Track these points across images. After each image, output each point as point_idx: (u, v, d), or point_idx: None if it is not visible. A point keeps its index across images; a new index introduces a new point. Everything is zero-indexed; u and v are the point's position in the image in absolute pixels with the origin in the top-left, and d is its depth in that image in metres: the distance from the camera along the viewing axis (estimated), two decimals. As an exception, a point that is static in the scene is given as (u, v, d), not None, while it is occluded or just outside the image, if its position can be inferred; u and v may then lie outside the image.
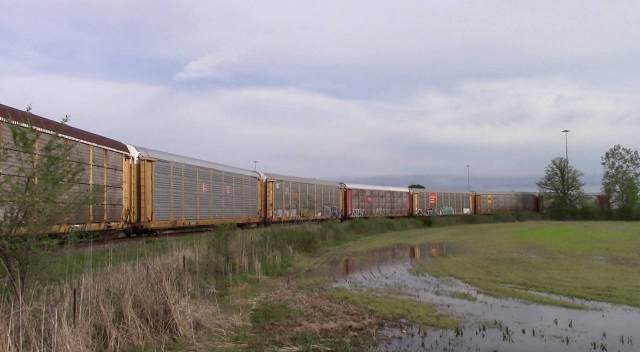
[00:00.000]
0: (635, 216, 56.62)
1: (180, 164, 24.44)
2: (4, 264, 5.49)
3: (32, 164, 5.84)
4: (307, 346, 6.11)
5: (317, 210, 42.54)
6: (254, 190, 33.44)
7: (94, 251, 9.38)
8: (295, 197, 39.07)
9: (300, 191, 39.75)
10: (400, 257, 19.75)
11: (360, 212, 49.52)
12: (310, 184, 42.07)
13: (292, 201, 38.57)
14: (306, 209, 40.02)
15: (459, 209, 63.37)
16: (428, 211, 58.86)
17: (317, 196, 42.79)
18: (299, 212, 39.09)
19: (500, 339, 6.66)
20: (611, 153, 65.35)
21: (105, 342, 5.75)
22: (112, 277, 7.42)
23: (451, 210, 61.88)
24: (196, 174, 25.91)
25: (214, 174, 28.06)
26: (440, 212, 60.00)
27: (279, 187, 36.57)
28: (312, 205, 41.48)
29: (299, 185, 40.04)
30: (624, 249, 19.74)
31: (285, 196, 37.49)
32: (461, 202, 64.23)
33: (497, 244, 23.14)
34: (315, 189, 42.76)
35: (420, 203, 58.58)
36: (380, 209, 52.89)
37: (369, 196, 51.51)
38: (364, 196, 50.92)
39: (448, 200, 62.69)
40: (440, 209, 60.78)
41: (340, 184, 48.28)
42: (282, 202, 37.12)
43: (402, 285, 11.25)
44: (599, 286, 10.62)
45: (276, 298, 9.40)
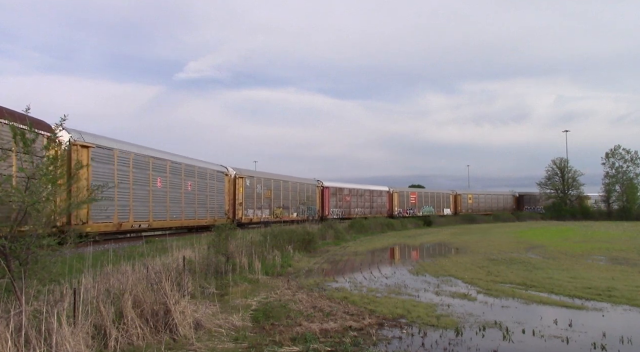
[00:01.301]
0: (635, 216, 56.58)
1: (128, 152, 19.99)
2: (4, 264, 5.50)
3: (32, 164, 5.84)
4: (307, 346, 6.11)
5: (292, 210, 38.79)
6: (220, 187, 29.27)
7: (94, 251, 9.39)
8: (268, 195, 35.05)
9: (273, 189, 35.80)
10: (400, 257, 19.75)
11: (338, 212, 45.64)
12: (285, 181, 38.27)
13: (264, 200, 34.51)
14: (280, 209, 36.58)
15: (439, 209, 60.69)
16: (408, 211, 55.75)
17: (292, 194, 38.93)
18: (272, 212, 35.25)
19: (500, 339, 6.66)
20: (611, 153, 65.33)
21: (105, 342, 5.75)
22: (112, 277, 7.42)
23: (431, 210, 58.98)
24: (149, 165, 21.50)
25: (173, 166, 23.80)
26: (420, 213, 56.75)
27: (249, 184, 32.53)
28: (287, 204, 38.06)
29: (272, 182, 35.98)
30: (624, 249, 19.74)
31: (256, 194, 33.40)
32: (442, 202, 61.74)
33: (497, 244, 23.14)
34: (290, 187, 38.84)
35: (400, 203, 55.46)
36: (359, 209, 49.27)
37: (347, 195, 47.85)
38: (342, 194, 47.18)
39: (429, 200, 59.91)
40: (420, 209, 57.75)
41: (317, 181, 44.52)
42: (253, 201, 32.93)
43: (402, 285, 11.25)
44: (599, 286, 10.62)
45: (276, 298, 9.40)
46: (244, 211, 31.50)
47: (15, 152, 5.94)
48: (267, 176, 35.96)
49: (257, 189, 33.69)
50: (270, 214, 34.81)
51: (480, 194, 68.46)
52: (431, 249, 22.25)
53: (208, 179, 27.69)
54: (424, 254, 19.58)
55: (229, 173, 30.71)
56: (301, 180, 41.72)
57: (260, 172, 36.06)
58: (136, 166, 20.42)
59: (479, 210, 64.04)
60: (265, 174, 36.13)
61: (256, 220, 32.35)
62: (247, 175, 32.80)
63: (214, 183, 28.33)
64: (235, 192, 30.95)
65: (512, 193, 72.55)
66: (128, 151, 20.04)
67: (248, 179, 32.62)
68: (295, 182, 39.90)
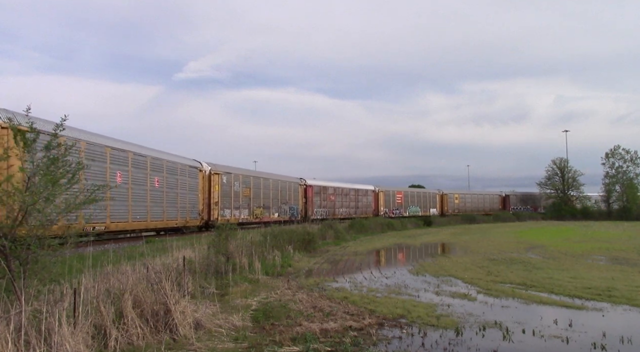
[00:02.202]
0: (635, 216, 56.60)
1: (79, 140, 16.16)
2: (4, 264, 5.50)
3: (32, 163, 5.84)
4: (307, 346, 6.11)
5: (274, 210, 35.98)
6: (193, 184, 26.35)
7: (94, 251, 9.39)
8: (247, 194, 32.05)
9: (253, 187, 32.89)
10: (400, 257, 19.75)
11: (322, 212, 43.06)
12: (266, 179, 35.58)
13: (243, 199, 31.56)
14: (260, 208, 33.68)
15: (425, 209, 59.14)
16: (394, 211, 54.07)
17: (273, 193, 36.16)
18: (252, 212, 32.40)
19: (500, 339, 6.66)
20: (611, 153, 65.39)
21: (105, 342, 5.75)
22: (112, 277, 7.42)
23: (418, 210, 57.47)
24: (106, 157, 18.43)
25: (136, 159, 20.48)
26: (407, 213, 55.20)
27: (226, 181, 29.60)
28: (268, 204, 35.13)
29: (251, 179, 33.10)
30: (624, 249, 19.74)
31: (234, 192, 30.37)
32: (428, 202, 60.31)
33: (497, 244, 23.14)
34: (272, 185, 36.01)
35: (386, 203, 53.60)
36: (344, 209, 46.97)
37: (332, 194, 45.32)
38: (326, 194, 44.64)
39: (415, 200, 58.32)
40: (407, 210, 56.13)
41: (300, 179, 42.11)
42: (230, 200, 29.97)
43: (402, 285, 11.25)
44: (599, 286, 10.62)
45: (276, 298, 9.40)
46: (220, 211, 28.67)
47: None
48: (246, 173, 33.06)
49: (235, 186, 30.56)
50: (250, 215, 32.01)
51: (466, 193, 67.49)
52: (431, 249, 22.24)
53: (179, 175, 24.51)
54: (424, 254, 19.57)
55: (203, 168, 27.77)
56: (283, 178, 39.03)
57: (239, 168, 32.67)
58: (89, 157, 16.88)
59: (466, 210, 62.72)
60: (244, 171, 33.17)
61: (234, 221, 28.56)
62: (224, 171, 29.72)
63: (185, 179, 25.26)
64: (211, 190, 28.15)
65: (499, 193, 71.33)
66: (77, 138, 16.08)
67: (225, 175, 29.59)
68: (276, 180, 37.17)
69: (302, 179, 42.50)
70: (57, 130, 6.26)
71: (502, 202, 69.83)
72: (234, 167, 31.59)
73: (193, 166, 26.62)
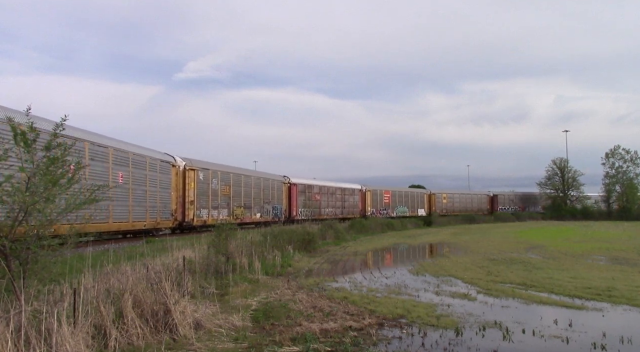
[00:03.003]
0: (635, 216, 56.65)
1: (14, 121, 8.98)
2: (4, 264, 5.50)
3: (32, 163, 5.84)
4: (307, 346, 6.11)
5: (256, 210, 33.38)
6: (165, 180, 23.39)
7: (94, 251, 9.39)
8: (227, 192, 29.55)
9: (233, 185, 30.33)
10: (400, 257, 19.75)
11: (307, 212, 40.42)
12: (247, 176, 33.01)
13: (222, 198, 28.96)
14: (241, 208, 31.16)
15: (413, 209, 57.50)
16: (382, 211, 52.05)
17: (255, 191, 33.46)
18: (232, 212, 29.79)
19: (500, 339, 6.66)
20: (611, 153, 65.46)
21: (105, 342, 5.75)
22: (112, 277, 7.42)
23: (405, 211, 55.67)
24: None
25: (94, 150, 17.38)
26: (394, 213, 53.30)
27: (203, 177, 27.01)
28: (249, 203, 32.57)
29: (231, 176, 30.37)
30: (624, 249, 19.74)
31: (212, 190, 27.87)
32: (416, 202, 58.61)
33: (497, 244, 23.15)
34: (253, 183, 33.32)
35: (373, 202, 51.62)
36: (330, 209, 44.37)
37: (317, 193, 42.61)
38: (311, 192, 41.93)
39: (403, 199, 56.50)
40: (394, 210, 54.18)
41: (283, 177, 39.67)
42: (207, 199, 27.41)
43: (402, 285, 11.25)
44: (599, 286, 10.62)
45: (276, 298, 9.40)
46: (196, 211, 26.08)
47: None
48: (225, 169, 30.19)
49: (213, 184, 28.00)
50: (230, 215, 29.15)
51: (454, 193, 65.99)
52: (431, 249, 22.24)
53: (148, 170, 21.44)
54: (424, 254, 19.57)
55: (177, 163, 25.01)
56: (266, 175, 36.75)
57: (217, 164, 29.90)
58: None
59: (454, 210, 61.59)
60: (223, 167, 30.24)
61: (211, 222, 26.12)
62: (200, 167, 27.07)
63: (156, 175, 22.23)
64: (186, 188, 25.49)
65: (487, 193, 70.13)
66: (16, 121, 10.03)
67: (201, 171, 26.90)
68: (258, 178, 34.64)
69: (286, 177, 40.05)
70: (58, 130, 6.25)
71: (490, 202, 68.64)
72: (212, 163, 29.02)
73: (165, 161, 23.62)
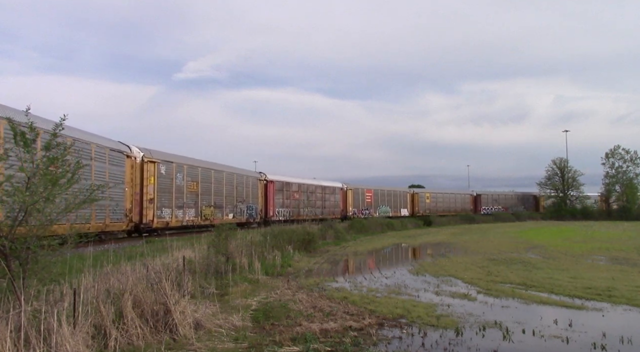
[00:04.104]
0: (635, 216, 56.64)
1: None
2: (4, 264, 5.50)
3: (32, 163, 5.84)
4: (307, 346, 6.11)
5: (228, 210, 29.75)
6: (118, 174, 19.32)
7: (94, 251, 9.39)
8: (194, 189, 25.98)
9: (201, 181, 26.68)
10: (400, 257, 19.76)
11: (284, 212, 37.71)
12: (218, 171, 29.06)
13: (188, 196, 25.30)
14: (211, 208, 27.52)
15: (396, 209, 55.04)
16: (363, 211, 49.52)
17: (227, 189, 29.74)
18: (200, 212, 26.33)
19: (500, 339, 6.66)
20: (611, 153, 65.46)
21: (105, 342, 5.75)
22: (112, 277, 7.42)
23: (388, 211, 53.07)
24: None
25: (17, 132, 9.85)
26: (377, 213, 50.54)
27: (166, 172, 23.19)
28: (221, 202, 28.94)
29: (199, 171, 26.67)
30: (624, 249, 19.74)
31: (176, 186, 24.15)
32: (399, 202, 56.18)
33: (497, 244, 23.14)
34: (225, 179, 29.64)
35: (355, 202, 48.89)
36: (310, 208, 41.24)
37: (296, 191, 39.74)
38: (290, 191, 38.98)
39: (385, 199, 54.02)
40: (377, 210, 51.64)
41: (259, 174, 36.45)
42: (171, 197, 23.56)
43: (402, 285, 11.25)
44: (599, 286, 10.62)
45: (276, 298, 9.40)
46: (156, 211, 22.21)
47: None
48: (192, 163, 26.44)
49: (178, 179, 24.37)
50: (197, 215, 26.01)
51: (438, 193, 64.23)
52: (431, 249, 22.23)
53: (93, 160, 17.63)
54: (424, 254, 19.57)
55: (133, 154, 21.04)
56: (239, 170, 32.79)
57: (183, 157, 25.95)
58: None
59: (437, 210, 59.61)
60: (190, 160, 26.45)
61: (175, 224, 23.69)
62: (162, 159, 23.14)
63: (104, 167, 18.39)
64: (144, 183, 21.53)
65: (470, 193, 68.70)
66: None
67: (164, 164, 23.04)
68: (231, 173, 30.77)
69: (262, 173, 36.83)
70: (57, 129, 6.25)
71: (473, 202, 67.33)
72: (176, 155, 25.34)
73: (117, 150, 19.55)
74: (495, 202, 68.09)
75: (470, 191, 69.17)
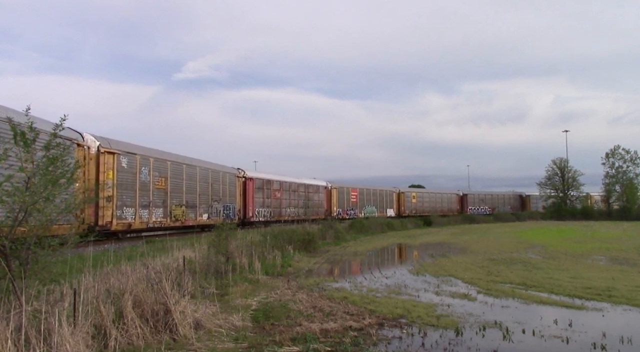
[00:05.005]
0: (635, 216, 56.61)
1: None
2: (4, 264, 5.50)
3: (32, 163, 5.84)
4: (307, 346, 6.11)
5: (202, 209, 26.77)
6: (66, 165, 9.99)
7: (94, 251, 9.39)
8: (162, 186, 22.65)
9: (171, 176, 23.48)
10: (400, 257, 19.75)
11: (265, 213, 34.95)
12: (190, 166, 25.73)
13: (155, 193, 22.01)
14: (181, 207, 24.45)
15: (382, 209, 53.33)
16: (348, 211, 47.52)
17: (201, 186, 26.64)
18: (169, 212, 23.21)
19: (500, 339, 6.66)
20: (611, 153, 65.41)
21: (105, 342, 5.75)
22: (112, 277, 7.42)
23: (374, 211, 51.29)
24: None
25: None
26: (362, 214, 48.19)
27: (128, 165, 20.04)
28: (193, 201, 25.86)
29: (168, 165, 23.34)
30: (624, 249, 19.73)
31: (141, 182, 20.91)
32: (385, 202, 54.43)
33: (497, 244, 23.14)
34: (199, 175, 26.52)
35: (339, 201, 46.74)
36: (292, 208, 38.81)
37: (277, 189, 36.92)
38: (270, 189, 36.09)
39: (371, 198, 52.11)
40: (362, 210, 49.65)
41: (237, 170, 32.82)
42: (134, 195, 20.46)
43: (402, 285, 11.25)
44: (599, 286, 10.62)
45: (276, 298, 9.40)
46: (116, 211, 19.13)
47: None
48: (160, 156, 23.08)
49: (143, 174, 21.10)
50: (166, 216, 22.93)
51: (424, 192, 62.91)
52: (431, 249, 22.23)
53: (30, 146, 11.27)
54: (424, 254, 19.56)
55: (86, 143, 17.74)
56: (215, 166, 29.39)
57: (149, 149, 22.71)
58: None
59: (423, 210, 58.22)
60: (157, 152, 23.24)
61: (140, 225, 20.62)
62: (124, 150, 19.84)
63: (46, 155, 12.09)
64: (100, 177, 18.29)
65: (456, 192, 67.84)
66: None
67: (125, 156, 19.81)
68: (205, 169, 27.59)
69: (240, 169, 33.48)
70: (57, 129, 6.25)
71: (459, 201, 66.57)
72: (141, 146, 22.02)
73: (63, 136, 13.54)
74: (482, 202, 67.64)
75: (457, 191, 68.30)
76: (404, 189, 59.23)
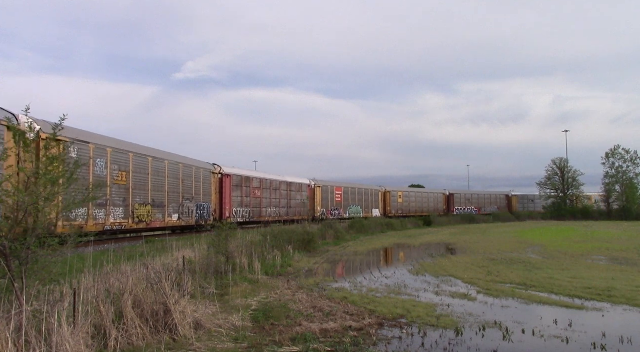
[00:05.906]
0: (635, 215, 56.61)
1: None
2: (4, 264, 5.50)
3: (32, 163, 5.84)
4: (307, 346, 6.11)
5: (172, 209, 23.60)
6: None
7: (94, 251, 9.39)
8: (123, 181, 19.61)
9: (134, 171, 20.40)
10: (400, 257, 19.74)
11: (244, 213, 31.79)
12: (158, 159, 22.60)
13: (114, 190, 19.05)
14: (147, 207, 21.30)
15: (367, 209, 51.13)
16: (332, 212, 44.75)
17: (171, 183, 23.55)
18: (131, 212, 20.01)
19: (500, 339, 6.66)
20: (611, 153, 65.35)
21: (105, 342, 5.75)
22: (112, 277, 7.42)
23: (359, 211, 49.05)
24: None
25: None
26: (347, 214, 46.13)
27: (79, 155, 16.35)
28: (162, 200, 22.63)
29: (130, 157, 20.22)
30: (624, 249, 19.72)
31: (96, 176, 17.77)
32: (371, 201, 52.26)
33: (497, 244, 23.13)
34: (168, 170, 23.33)
35: (323, 201, 43.95)
36: (274, 208, 35.81)
37: (257, 188, 33.74)
38: (250, 187, 32.71)
39: (356, 198, 49.73)
40: (347, 210, 47.31)
41: (213, 166, 29.44)
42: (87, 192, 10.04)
43: (402, 285, 11.25)
44: (599, 286, 10.62)
45: (276, 298, 9.40)
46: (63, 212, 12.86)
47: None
48: (120, 146, 19.78)
49: (98, 167, 18.08)
50: (128, 217, 19.79)
51: (410, 192, 61.34)
52: (431, 249, 22.22)
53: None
54: (424, 254, 19.56)
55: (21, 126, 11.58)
56: (186, 160, 25.96)
57: (106, 137, 19.60)
58: None
59: (410, 210, 57.04)
60: (117, 142, 19.91)
61: (93, 228, 16.97)
62: (75, 137, 16.30)
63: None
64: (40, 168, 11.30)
65: (442, 192, 66.78)
66: None
67: (77, 145, 16.57)
68: (176, 163, 24.35)
69: (217, 165, 29.94)
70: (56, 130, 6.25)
71: (446, 201, 65.61)
72: (97, 135, 18.89)
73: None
74: (468, 202, 67.12)
75: (444, 190, 67.50)
76: (390, 188, 57.26)
